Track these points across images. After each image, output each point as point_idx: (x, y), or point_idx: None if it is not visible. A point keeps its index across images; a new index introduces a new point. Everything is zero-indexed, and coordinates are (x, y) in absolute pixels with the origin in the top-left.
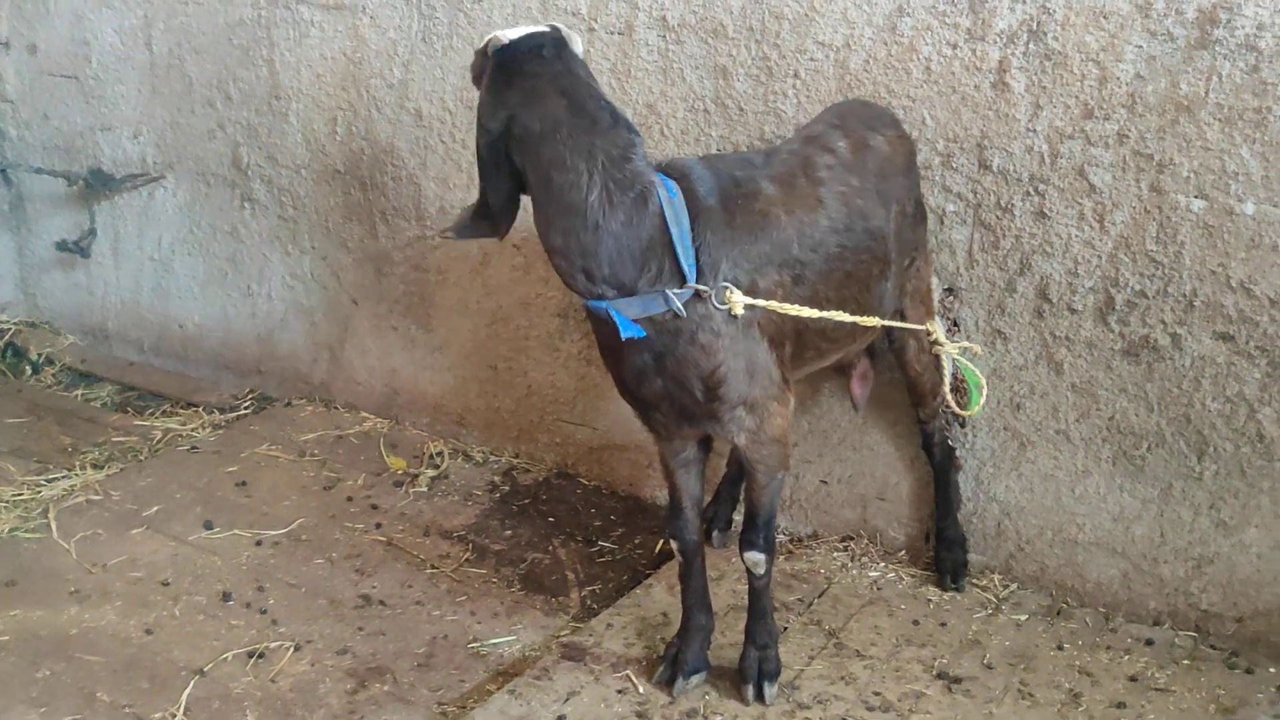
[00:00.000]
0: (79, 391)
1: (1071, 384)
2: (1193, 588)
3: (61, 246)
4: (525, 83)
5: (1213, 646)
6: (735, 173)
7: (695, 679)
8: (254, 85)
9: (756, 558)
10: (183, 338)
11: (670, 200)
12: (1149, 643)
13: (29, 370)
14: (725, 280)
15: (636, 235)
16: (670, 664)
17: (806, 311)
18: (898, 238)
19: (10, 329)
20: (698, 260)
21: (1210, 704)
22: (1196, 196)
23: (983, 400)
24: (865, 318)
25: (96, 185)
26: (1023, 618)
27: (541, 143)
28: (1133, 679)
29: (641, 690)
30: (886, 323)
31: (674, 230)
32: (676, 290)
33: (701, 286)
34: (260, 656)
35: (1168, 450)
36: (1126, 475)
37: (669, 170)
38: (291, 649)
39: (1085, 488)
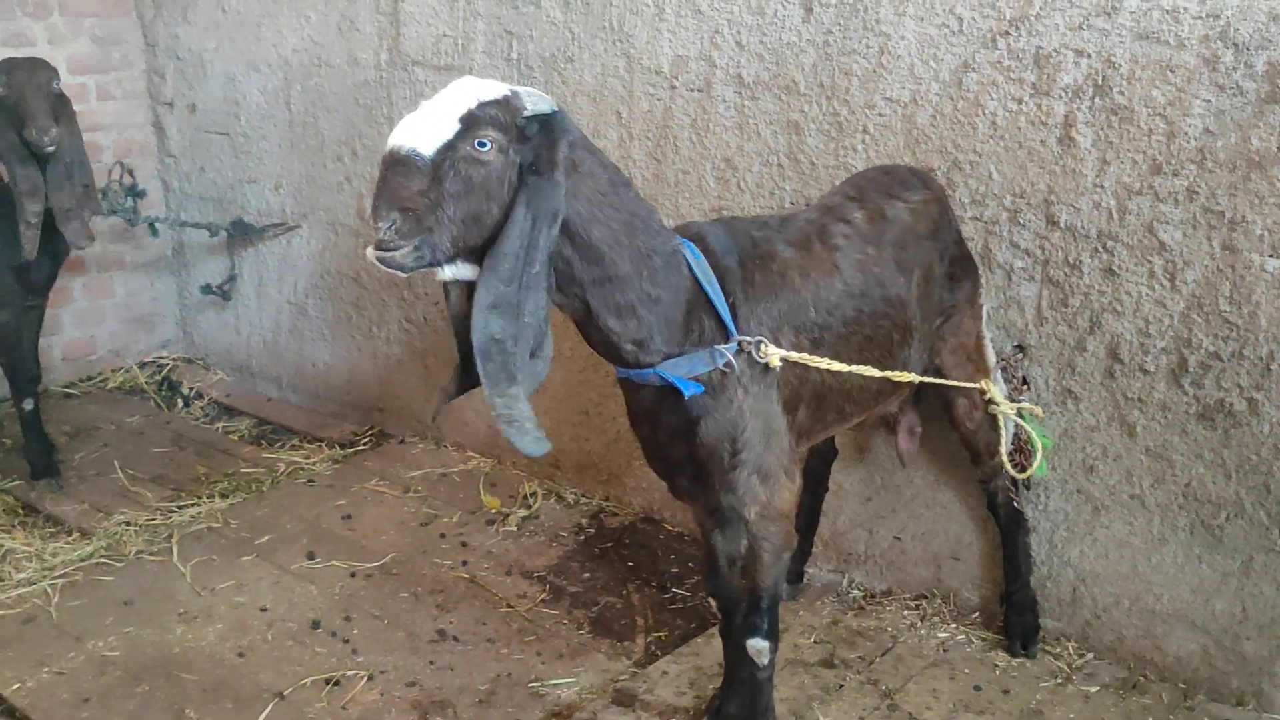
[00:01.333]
0: (220, 424)
1: (1145, 447)
2: (1277, 668)
3: (206, 290)
4: (580, 157)
5: None
6: (752, 233)
7: None
8: (376, 142)
9: (760, 645)
10: (314, 376)
11: (697, 261)
12: None
13: (181, 403)
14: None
15: (678, 299)
16: (713, 716)
17: (838, 365)
18: (923, 302)
19: (168, 364)
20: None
21: None
22: (1271, 256)
23: (1039, 462)
24: (900, 374)
25: (237, 234)
26: (1093, 689)
27: (594, 223)
28: None
29: None
30: (926, 379)
31: (708, 289)
32: (723, 346)
33: (746, 338)
34: (336, 684)
35: (1248, 521)
36: (1205, 545)
37: (683, 233)
38: (365, 678)
39: (1162, 556)
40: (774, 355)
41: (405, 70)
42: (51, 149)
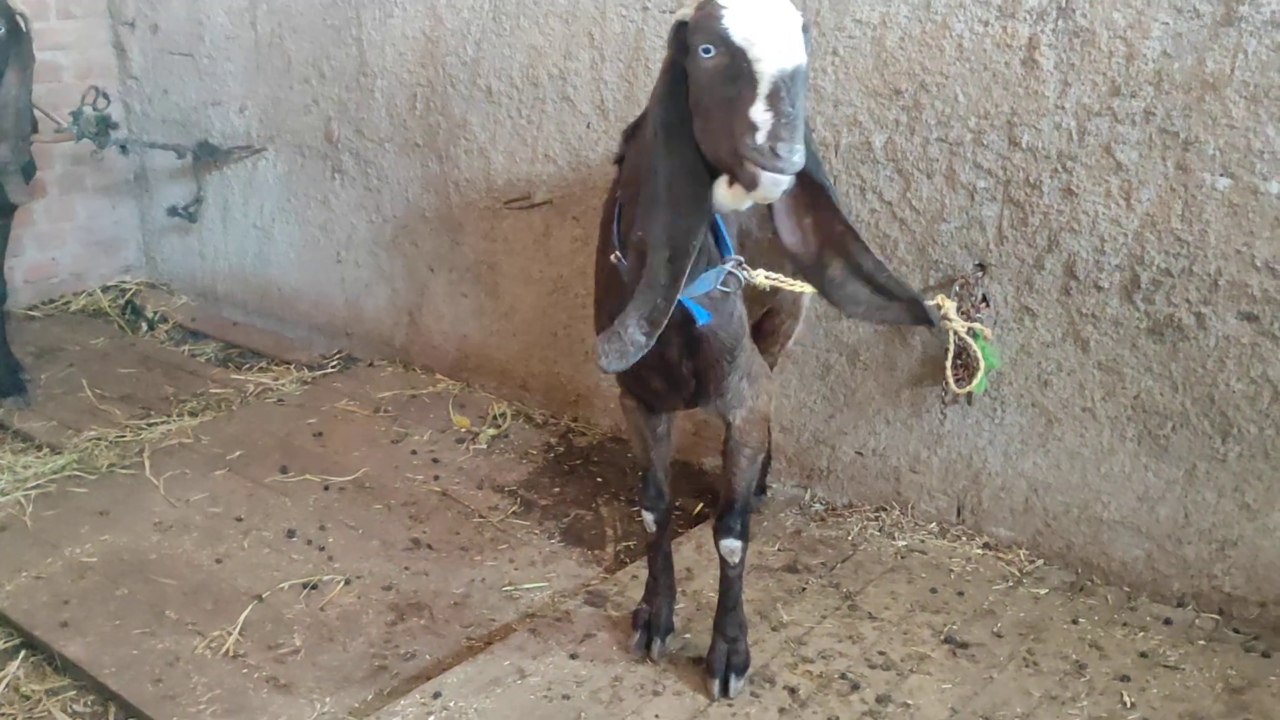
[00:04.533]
0: (186, 347)
1: (1098, 362)
2: (1216, 570)
3: (171, 211)
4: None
5: (1235, 630)
6: None
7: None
8: (344, 63)
9: (733, 545)
10: (281, 300)
11: None
12: (1167, 622)
13: (145, 327)
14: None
15: None
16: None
17: (808, 288)
18: None
19: (132, 289)
20: None
21: (1218, 683)
22: (1222, 175)
23: (979, 379)
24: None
25: (204, 157)
26: (1043, 591)
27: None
28: (1143, 655)
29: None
30: (924, 300)
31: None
32: (726, 265)
33: (739, 257)
34: (314, 588)
35: (1192, 431)
36: (1151, 455)
37: None
38: (342, 582)
39: (1111, 466)
40: (759, 276)
41: None
42: None
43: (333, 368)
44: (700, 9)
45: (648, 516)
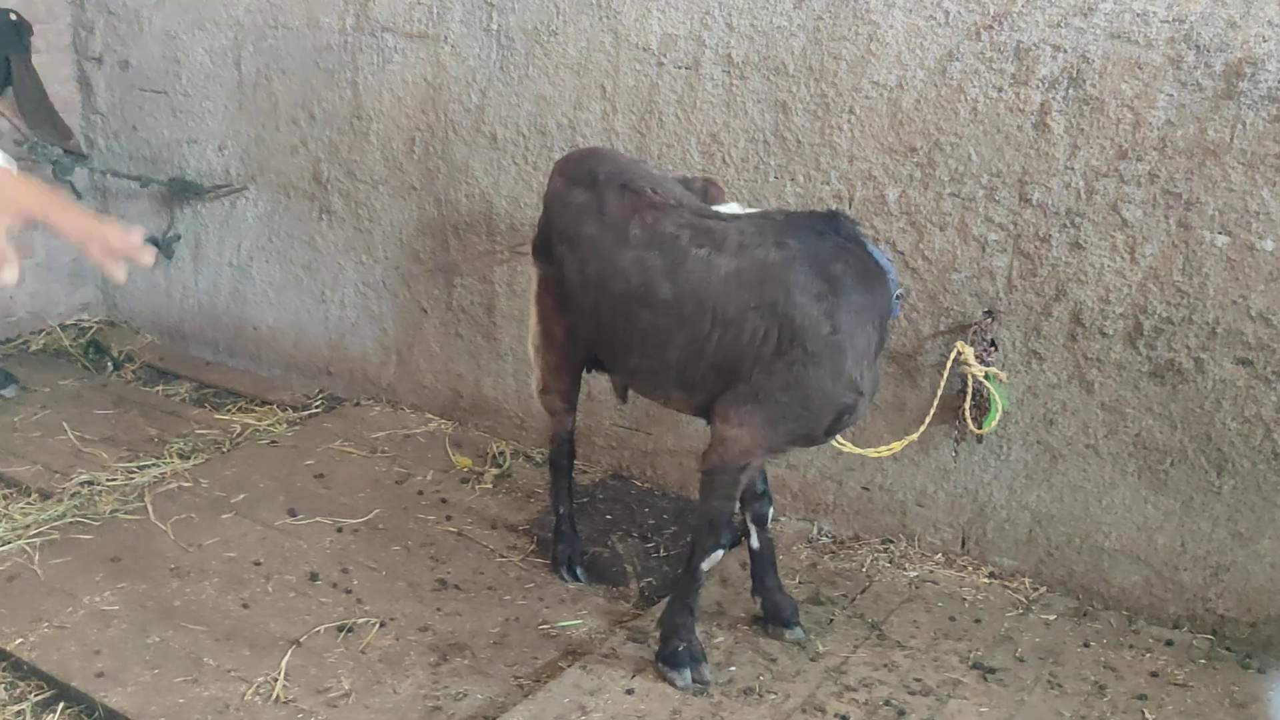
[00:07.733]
0: (159, 387)
1: (1101, 402)
2: (1210, 594)
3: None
4: None
5: (1228, 649)
6: None
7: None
8: (337, 106)
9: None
10: (257, 339)
11: None
12: (1169, 643)
13: (110, 366)
14: None
15: None
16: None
17: None
18: None
19: (92, 327)
20: None
21: (1225, 699)
22: (1220, 233)
23: (995, 419)
24: None
25: (177, 191)
26: (1051, 617)
27: None
28: (1154, 675)
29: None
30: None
31: None
32: None
33: None
34: (349, 631)
35: (1189, 466)
36: (1150, 488)
37: None
38: (377, 625)
39: (1112, 499)
40: None
41: (374, 36)
42: None
43: (317, 407)
44: None
45: (718, 554)
